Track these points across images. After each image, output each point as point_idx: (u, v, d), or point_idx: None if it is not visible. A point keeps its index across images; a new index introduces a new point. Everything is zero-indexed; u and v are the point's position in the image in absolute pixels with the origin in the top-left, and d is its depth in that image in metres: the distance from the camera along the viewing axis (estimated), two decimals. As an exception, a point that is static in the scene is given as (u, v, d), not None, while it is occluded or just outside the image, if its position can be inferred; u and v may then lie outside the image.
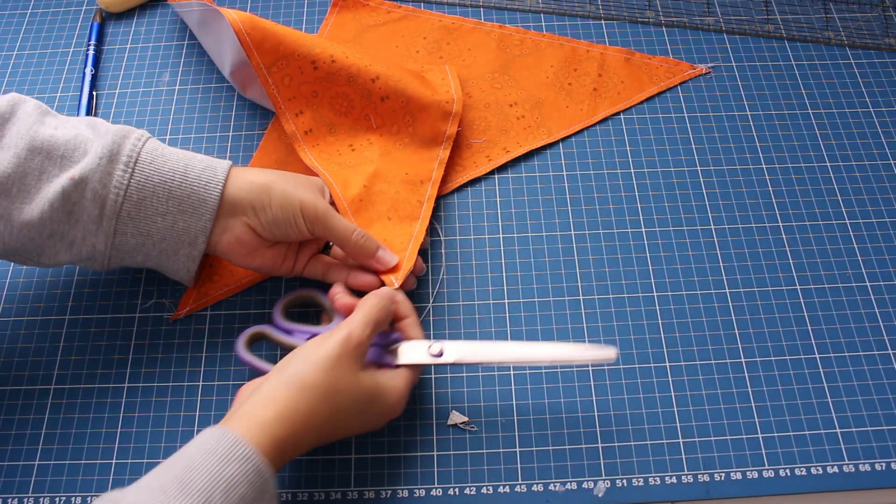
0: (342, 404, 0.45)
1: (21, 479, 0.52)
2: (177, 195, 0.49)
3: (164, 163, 0.49)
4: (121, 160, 0.48)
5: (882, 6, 0.74)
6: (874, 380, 0.55)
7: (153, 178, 0.48)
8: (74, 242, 0.49)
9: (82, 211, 0.48)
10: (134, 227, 0.49)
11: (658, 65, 0.70)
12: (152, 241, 0.50)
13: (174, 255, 0.51)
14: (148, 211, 0.49)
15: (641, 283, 0.59)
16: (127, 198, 0.48)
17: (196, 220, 0.50)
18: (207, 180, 0.49)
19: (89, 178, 0.47)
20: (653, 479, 0.51)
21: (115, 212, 0.48)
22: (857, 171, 0.64)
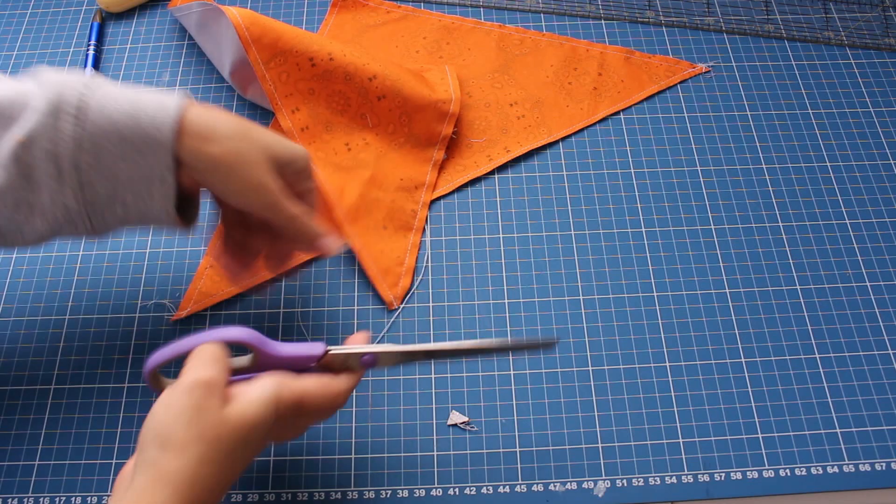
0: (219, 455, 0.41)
1: (21, 479, 0.52)
2: (128, 136, 0.45)
3: (112, 104, 0.45)
4: (64, 111, 0.44)
5: (882, 6, 0.74)
6: (874, 380, 0.55)
7: (102, 124, 0.45)
8: (45, 208, 0.46)
9: (40, 172, 0.45)
10: (99, 175, 0.46)
11: (658, 64, 0.70)
12: (122, 185, 0.46)
13: (149, 197, 0.47)
14: (106, 157, 0.45)
15: (641, 283, 0.59)
16: (80, 148, 0.45)
17: (155, 158, 0.46)
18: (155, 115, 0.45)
19: (35, 136, 0.44)
20: (653, 479, 0.51)
21: (74, 164, 0.45)
22: (857, 171, 0.64)
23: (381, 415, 0.54)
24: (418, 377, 0.55)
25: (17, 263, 0.60)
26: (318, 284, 0.59)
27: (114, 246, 0.61)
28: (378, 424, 0.53)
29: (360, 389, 0.55)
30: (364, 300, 0.58)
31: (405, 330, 0.57)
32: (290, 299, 0.58)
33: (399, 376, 0.55)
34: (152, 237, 0.61)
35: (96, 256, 0.60)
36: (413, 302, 0.58)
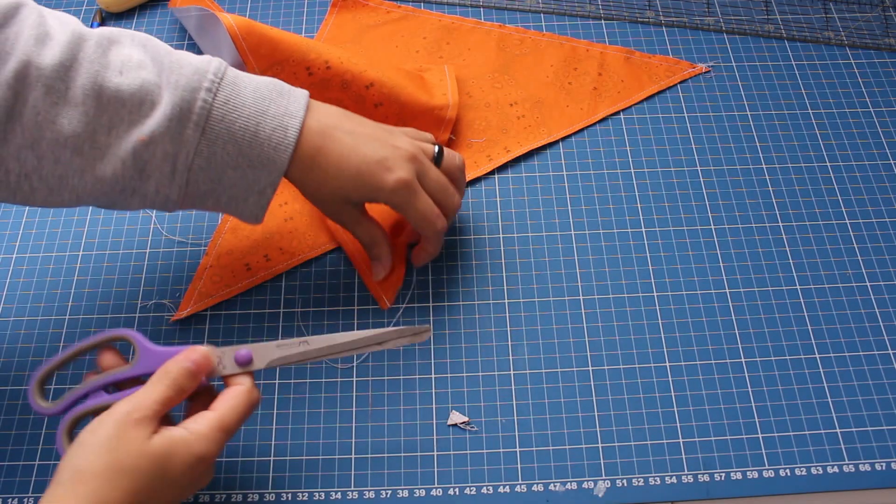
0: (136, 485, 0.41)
1: (21, 479, 0.52)
2: (247, 153, 0.48)
3: (236, 119, 0.47)
4: (191, 119, 0.46)
5: (882, 6, 0.74)
6: (874, 380, 0.55)
7: (223, 136, 0.47)
8: (147, 195, 0.48)
9: (154, 168, 0.47)
10: (205, 177, 0.48)
11: (658, 64, 0.70)
12: (223, 188, 0.49)
13: (244, 202, 0.50)
14: (219, 163, 0.48)
15: (641, 283, 0.59)
16: (198, 153, 0.47)
17: (266, 175, 0.49)
18: (278, 142, 0.48)
19: (159, 140, 0.46)
20: (653, 479, 0.51)
21: (187, 167, 0.47)
22: (857, 171, 0.64)
23: (381, 415, 0.54)
24: (418, 377, 0.55)
25: (17, 263, 0.60)
26: (318, 284, 0.59)
27: (114, 246, 0.61)
28: (378, 424, 0.53)
29: (360, 389, 0.55)
30: (364, 300, 0.58)
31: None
32: (290, 299, 0.58)
33: (399, 376, 0.55)
34: (152, 237, 0.61)
35: (96, 256, 0.60)
36: (413, 302, 0.58)
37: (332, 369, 0.56)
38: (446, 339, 0.56)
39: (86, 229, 0.61)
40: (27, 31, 0.44)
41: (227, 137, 0.47)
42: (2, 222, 0.62)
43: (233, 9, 0.74)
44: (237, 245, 0.60)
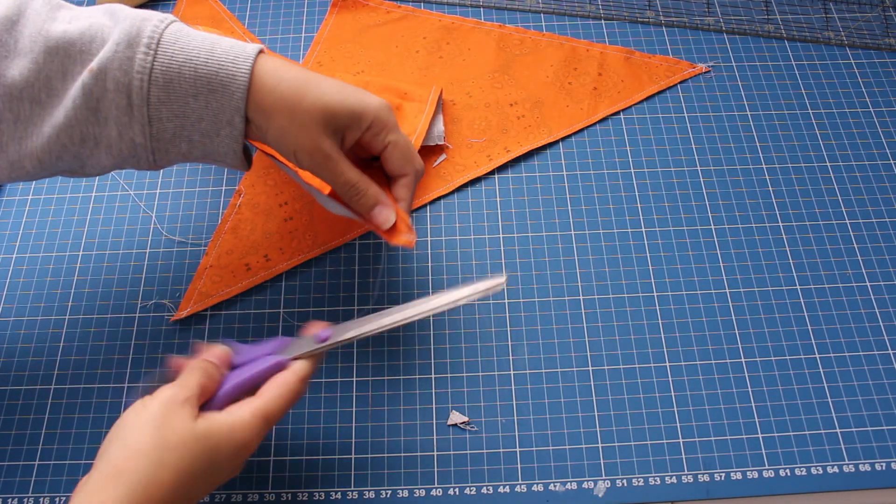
0: (183, 463, 0.40)
1: (21, 479, 0.52)
2: (204, 73, 0.45)
3: (189, 41, 0.45)
4: (141, 43, 0.44)
5: (882, 6, 0.74)
6: (874, 380, 0.55)
7: (177, 58, 0.44)
8: (111, 143, 0.45)
9: (109, 104, 0.44)
10: (168, 111, 0.45)
11: (658, 64, 0.70)
12: (190, 122, 0.46)
13: (216, 137, 0.47)
14: (178, 92, 0.45)
15: (641, 283, 0.59)
16: (153, 81, 0.44)
17: (228, 99, 0.45)
18: (235, 55, 0.45)
19: (108, 66, 0.43)
20: (653, 479, 0.51)
21: (144, 98, 0.44)
22: (857, 171, 0.64)
23: (381, 415, 0.54)
24: (418, 377, 0.55)
25: (17, 263, 0.60)
26: (318, 285, 0.59)
27: (114, 246, 0.61)
28: (378, 424, 0.53)
29: (360, 389, 0.55)
30: (364, 300, 0.58)
31: (405, 330, 0.57)
32: (290, 299, 0.58)
33: (399, 376, 0.55)
34: (152, 237, 0.61)
35: (96, 256, 0.60)
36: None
37: (332, 369, 0.56)
38: (446, 339, 0.56)
39: (86, 229, 0.61)
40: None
41: (181, 58, 0.44)
42: (2, 222, 0.62)
43: (233, 9, 0.74)
44: (237, 245, 0.60)
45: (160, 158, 0.47)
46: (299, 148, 0.46)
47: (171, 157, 0.48)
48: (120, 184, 0.63)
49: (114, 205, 0.62)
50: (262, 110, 0.46)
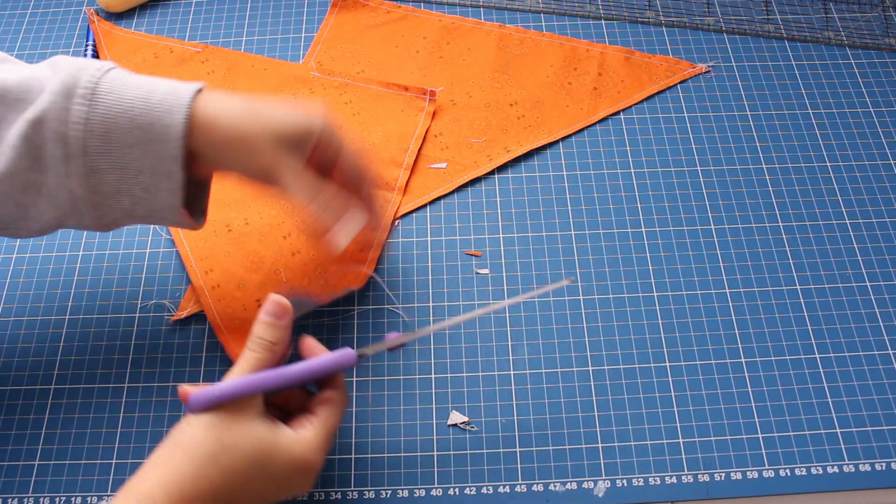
0: (234, 465, 0.41)
1: (21, 479, 0.52)
2: (140, 123, 0.44)
3: (125, 90, 0.44)
4: (77, 93, 0.43)
5: (882, 6, 0.74)
6: (874, 380, 0.55)
7: (114, 108, 0.44)
8: (51, 192, 0.45)
9: (47, 154, 0.44)
10: (107, 162, 0.44)
11: (658, 64, 0.70)
12: (130, 175, 0.45)
13: (156, 191, 0.46)
14: (116, 143, 0.44)
15: (641, 283, 0.59)
16: (89, 132, 0.43)
17: (165, 148, 0.44)
18: (171, 104, 0.44)
19: (45, 117, 0.43)
20: (653, 479, 0.51)
21: (81, 148, 0.44)
22: (857, 171, 0.64)
23: (381, 415, 0.54)
24: (418, 377, 0.55)
25: (17, 263, 0.60)
26: (318, 284, 0.59)
27: (114, 246, 0.61)
28: (378, 424, 0.53)
29: (360, 389, 0.55)
30: (364, 300, 0.58)
31: (405, 329, 0.57)
32: (290, 299, 0.58)
33: (399, 376, 0.55)
34: (152, 237, 0.61)
35: (96, 256, 0.60)
36: (413, 302, 0.58)
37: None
38: (446, 339, 0.56)
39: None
40: None
41: (117, 109, 0.44)
42: (2, 222, 0.62)
43: (233, 9, 0.74)
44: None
45: (103, 215, 0.47)
46: (255, 170, 0.46)
47: (114, 215, 0.47)
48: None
49: (114, 205, 0.62)
50: (213, 143, 0.45)
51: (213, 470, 0.40)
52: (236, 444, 0.41)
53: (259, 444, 0.42)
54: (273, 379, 0.43)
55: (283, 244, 0.59)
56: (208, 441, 0.41)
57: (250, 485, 0.41)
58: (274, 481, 0.42)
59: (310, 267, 0.58)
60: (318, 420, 0.45)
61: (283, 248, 0.58)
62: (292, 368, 0.44)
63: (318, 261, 0.58)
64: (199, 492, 0.40)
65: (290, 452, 0.42)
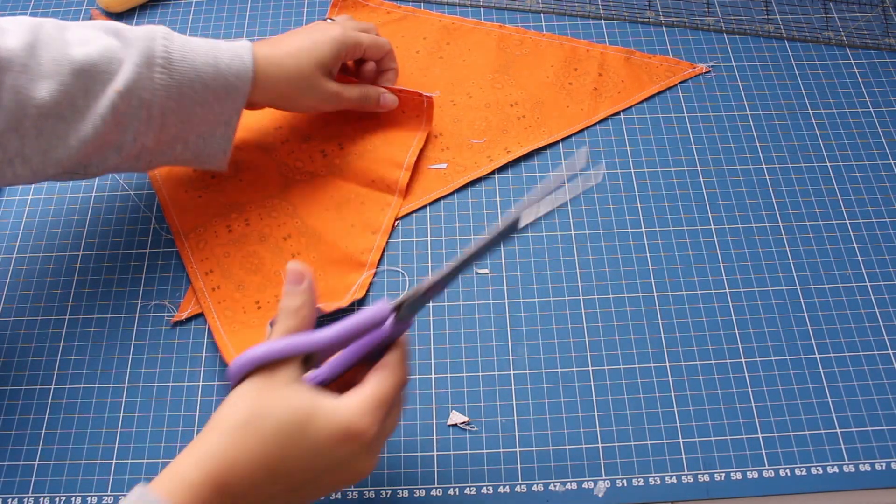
0: (269, 431, 0.38)
1: (21, 479, 0.52)
2: (212, 86, 0.52)
3: (195, 57, 0.52)
4: (156, 63, 0.50)
5: (882, 6, 0.74)
6: (874, 380, 0.55)
7: (188, 74, 0.51)
8: (124, 146, 0.51)
9: (132, 118, 0.50)
10: (175, 118, 0.52)
11: (658, 64, 0.70)
12: (191, 126, 0.53)
13: (211, 137, 0.54)
14: (188, 102, 0.52)
15: (641, 283, 0.59)
16: (170, 97, 0.51)
17: (231, 104, 0.53)
18: (238, 70, 0.53)
19: (133, 87, 0.49)
20: (653, 479, 0.51)
21: (162, 111, 0.51)
22: (857, 171, 0.64)
23: (381, 415, 0.54)
24: (418, 377, 0.55)
25: (17, 263, 0.60)
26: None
27: (114, 246, 0.61)
28: (378, 424, 0.53)
29: (360, 389, 0.55)
30: (364, 299, 0.58)
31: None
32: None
33: (399, 376, 0.55)
34: (152, 237, 0.61)
35: (96, 256, 0.60)
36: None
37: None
38: (446, 339, 0.56)
39: (86, 229, 0.61)
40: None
41: (192, 75, 0.51)
42: (2, 222, 0.62)
43: (233, 9, 0.74)
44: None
45: (154, 161, 0.54)
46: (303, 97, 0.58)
47: (164, 159, 0.54)
48: (120, 184, 0.64)
49: (114, 205, 0.62)
50: (265, 90, 0.55)
51: (247, 438, 0.38)
52: (269, 409, 0.38)
53: (294, 408, 0.38)
54: (303, 341, 0.40)
55: (283, 246, 0.59)
56: (239, 410, 0.38)
57: (291, 454, 0.38)
58: (317, 453, 0.38)
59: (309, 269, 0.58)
60: (367, 384, 0.40)
61: (284, 249, 0.58)
62: (324, 330, 0.41)
63: (318, 263, 0.58)
64: (234, 463, 0.37)
65: (331, 418, 0.38)
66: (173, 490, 0.37)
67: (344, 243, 0.59)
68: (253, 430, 0.38)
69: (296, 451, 0.38)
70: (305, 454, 0.38)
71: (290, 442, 0.38)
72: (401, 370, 0.42)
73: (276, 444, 0.38)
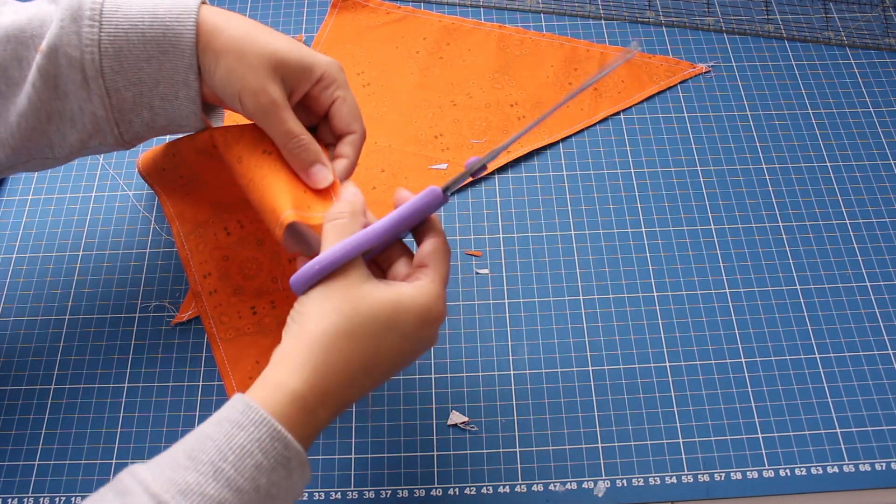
0: (362, 330, 0.40)
1: (21, 479, 0.52)
2: (151, 36, 0.45)
3: (130, 7, 0.45)
4: (84, 16, 0.44)
5: (882, 6, 0.74)
6: (874, 380, 0.55)
7: (123, 25, 0.45)
8: (74, 117, 0.46)
9: (66, 80, 0.45)
10: (124, 80, 0.46)
11: (658, 64, 0.70)
12: (148, 88, 0.46)
13: (175, 100, 0.47)
14: (130, 59, 0.45)
15: (641, 283, 0.59)
16: (103, 53, 0.45)
17: (180, 57, 0.46)
18: (178, 13, 0.45)
19: (57, 44, 0.44)
20: (653, 479, 0.51)
21: (97, 70, 0.45)
22: (857, 171, 0.64)
23: (381, 415, 0.54)
24: (418, 377, 0.55)
25: (17, 263, 0.60)
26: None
27: (114, 246, 0.61)
28: (378, 424, 0.53)
29: (360, 389, 0.55)
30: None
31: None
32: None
33: (399, 376, 0.55)
34: (152, 237, 0.61)
35: (96, 256, 0.60)
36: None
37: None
38: (446, 339, 0.56)
39: (86, 229, 0.61)
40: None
41: (127, 26, 0.45)
42: (2, 222, 0.62)
43: (233, 9, 0.74)
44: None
45: (125, 131, 0.48)
46: (245, 88, 0.45)
47: (135, 129, 0.48)
48: (120, 184, 0.64)
49: (114, 205, 0.62)
50: (212, 51, 0.46)
51: (342, 344, 0.39)
52: (357, 310, 0.39)
53: (380, 304, 0.40)
54: (368, 235, 0.41)
55: (280, 251, 0.58)
56: (327, 315, 0.39)
57: (383, 346, 0.40)
58: (406, 338, 0.41)
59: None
60: (431, 269, 0.43)
61: (281, 254, 0.58)
62: (383, 221, 0.42)
63: None
64: (334, 370, 0.39)
65: (414, 304, 0.41)
66: (279, 402, 0.38)
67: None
68: (346, 336, 0.39)
69: (387, 343, 0.40)
70: (396, 343, 0.41)
71: (381, 338, 0.40)
72: (446, 245, 0.44)
73: (370, 343, 0.40)
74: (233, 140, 0.50)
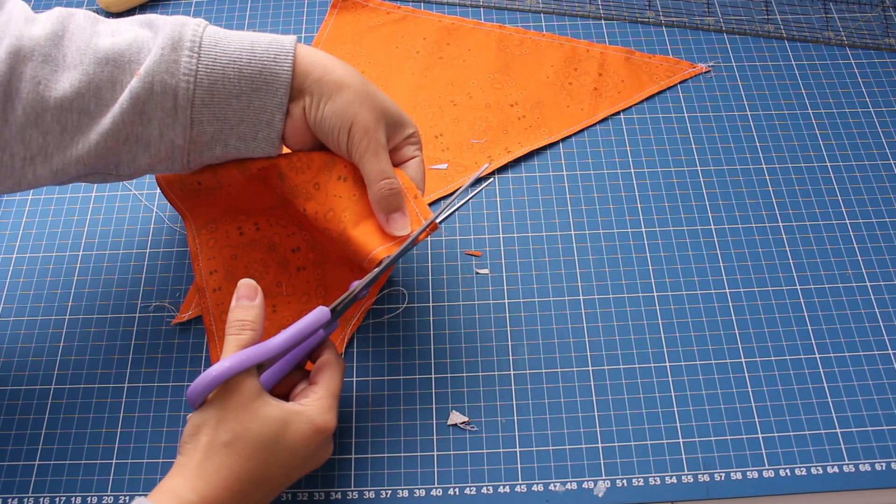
0: (252, 449, 0.43)
1: (21, 479, 0.52)
2: (248, 73, 0.46)
3: (229, 42, 0.47)
4: (184, 47, 0.45)
5: (882, 6, 0.74)
6: (874, 380, 0.55)
7: (221, 60, 0.46)
8: (151, 142, 0.47)
9: (155, 106, 0.45)
10: (210, 114, 0.47)
11: (658, 64, 0.70)
12: (230, 126, 0.47)
13: (253, 141, 0.48)
14: (221, 94, 0.46)
15: (641, 283, 0.59)
16: (198, 84, 0.46)
17: (271, 97, 0.47)
18: (276, 52, 0.47)
19: (155, 70, 0.45)
20: (653, 479, 0.51)
21: (189, 100, 0.46)
22: (857, 171, 0.64)
23: (381, 415, 0.54)
24: (418, 377, 0.55)
25: (17, 263, 0.60)
26: (318, 284, 0.59)
27: (114, 246, 0.61)
28: (378, 424, 0.53)
29: (360, 389, 0.55)
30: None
31: (405, 330, 0.57)
32: (290, 299, 0.58)
33: (399, 376, 0.55)
34: (152, 237, 0.61)
35: (96, 256, 0.60)
36: (413, 302, 0.58)
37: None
38: (446, 339, 0.56)
39: (86, 229, 0.61)
40: (16, 16, 0.45)
41: (225, 61, 0.46)
42: (2, 222, 0.62)
43: (233, 9, 0.74)
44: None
45: (193, 161, 0.49)
46: (359, 122, 0.47)
47: (202, 160, 0.49)
48: (120, 184, 0.64)
49: (114, 205, 0.63)
50: (328, 82, 0.47)
51: (232, 457, 0.42)
52: (248, 429, 0.43)
53: (269, 422, 0.43)
54: (259, 351, 0.44)
55: (290, 257, 0.58)
56: (221, 433, 0.42)
57: (273, 461, 0.43)
58: (294, 453, 0.44)
59: (312, 286, 0.57)
60: (320, 385, 0.46)
61: (290, 261, 0.58)
62: (274, 338, 0.45)
63: (322, 281, 0.58)
64: (224, 481, 0.42)
65: (300, 420, 0.44)
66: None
67: (350, 265, 0.57)
68: (238, 448, 0.42)
69: (276, 458, 0.43)
70: (284, 458, 0.44)
71: (270, 453, 0.43)
72: (339, 361, 0.48)
73: (260, 459, 0.43)
74: (303, 165, 0.51)
